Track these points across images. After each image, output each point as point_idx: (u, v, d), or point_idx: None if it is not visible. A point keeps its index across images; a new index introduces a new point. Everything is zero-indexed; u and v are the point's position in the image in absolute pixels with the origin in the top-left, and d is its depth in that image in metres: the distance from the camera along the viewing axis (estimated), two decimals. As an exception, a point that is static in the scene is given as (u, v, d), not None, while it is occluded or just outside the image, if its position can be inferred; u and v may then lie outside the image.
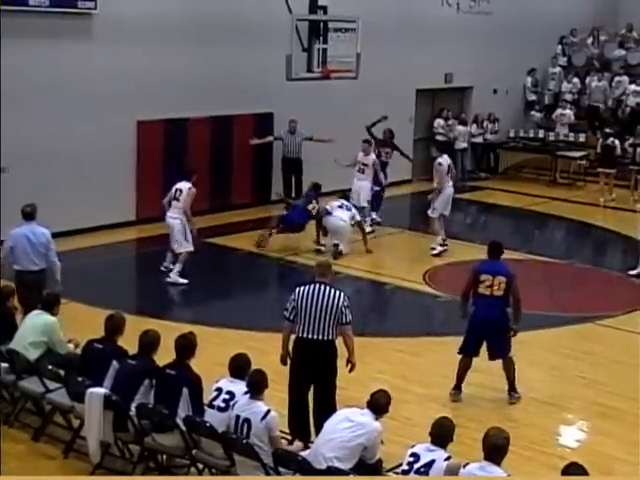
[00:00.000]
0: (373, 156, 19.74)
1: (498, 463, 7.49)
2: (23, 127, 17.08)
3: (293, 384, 9.84)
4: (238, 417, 8.44)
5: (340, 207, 17.98)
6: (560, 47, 30.35)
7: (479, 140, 27.20)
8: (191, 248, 15.72)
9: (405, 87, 24.71)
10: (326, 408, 9.25)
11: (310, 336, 9.59)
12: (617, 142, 24.78)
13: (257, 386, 8.51)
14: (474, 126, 27.05)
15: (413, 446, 7.93)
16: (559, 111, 27.99)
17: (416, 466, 7.73)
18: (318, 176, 19.28)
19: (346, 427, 8.22)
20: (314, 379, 9.75)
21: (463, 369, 11.55)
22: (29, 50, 17.20)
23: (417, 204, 21.97)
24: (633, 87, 27.89)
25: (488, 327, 11.37)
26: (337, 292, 9.67)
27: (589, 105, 28.78)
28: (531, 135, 27.88)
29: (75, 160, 18.08)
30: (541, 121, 28.68)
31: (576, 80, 29.16)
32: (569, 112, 27.87)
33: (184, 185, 15.74)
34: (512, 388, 11.60)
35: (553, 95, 29.43)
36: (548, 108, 29.01)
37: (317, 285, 9.71)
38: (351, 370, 9.83)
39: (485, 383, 12.00)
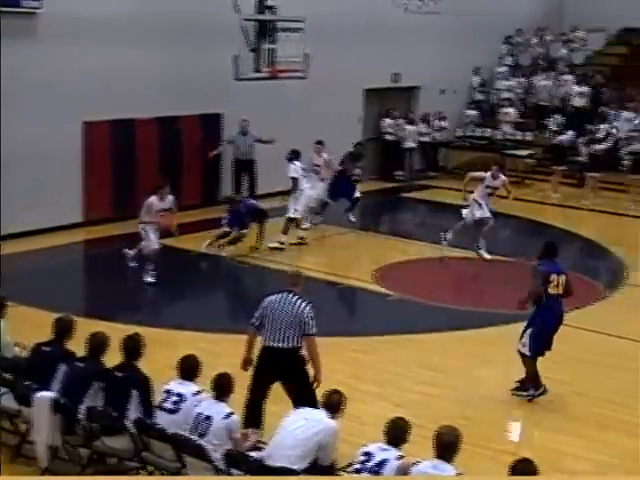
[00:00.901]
0: (325, 156, 19.73)
1: (450, 461, 7.50)
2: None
3: (254, 387, 9.80)
4: (200, 414, 8.39)
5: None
6: (506, 47, 30.58)
7: (427, 139, 27.28)
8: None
9: (353, 87, 24.72)
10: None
11: (275, 344, 9.64)
12: (569, 136, 25.05)
13: (222, 388, 8.52)
14: (422, 125, 27.13)
15: (366, 445, 7.91)
16: (503, 110, 28.21)
17: (369, 465, 7.71)
18: (272, 176, 19.22)
19: (301, 425, 8.19)
20: (285, 386, 9.79)
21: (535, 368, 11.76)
22: (-29, 50, 16.97)
23: (367, 204, 21.95)
24: (577, 88, 28.17)
25: (560, 323, 11.78)
26: (303, 303, 9.70)
27: (535, 104, 29.02)
28: (479, 134, 28.07)
29: (21, 162, 17.81)
30: (479, 120, 28.81)
31: (522, 79, 29.41)
32: (512, 111, 28.11)
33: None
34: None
35: (499, 94, 29.61)
36: (494, 107, 29.19)
37: (285, 294, 9.78)
38: (316, 387, 9.73)
39: (439, 382, 12.04)
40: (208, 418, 8.36)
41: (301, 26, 18.89)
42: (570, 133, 26.01)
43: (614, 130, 26.21)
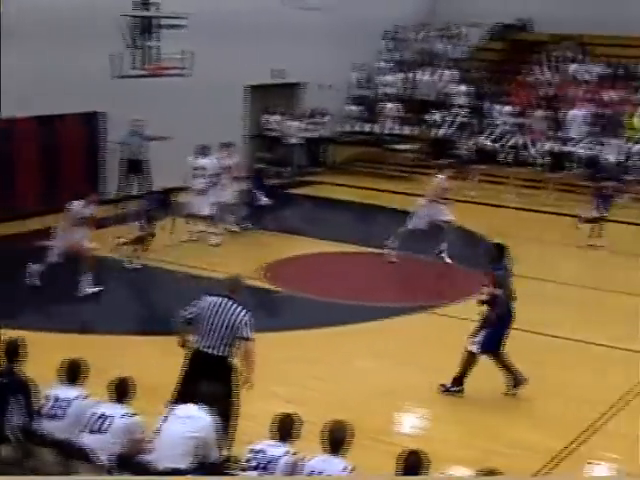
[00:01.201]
0: (235, 159, 19.60)
1: (340, 455, 7.49)
2: None
3: (181, 390, 9.60)
4: (95, 414, 8.21)
5: None
6: (386, 42, 30.83)
7: (311, 135, 27.33)
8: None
9: (236, 84, 24.60)
10: (224, 425, 8.98)
11: (208, 350, 9.50)
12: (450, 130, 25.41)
13: (123, 391, 8.34)
14: (305, 121, 27.17)
15: (256, 443, 7.85)
16: (384, 105, 28.45)
17: (260, 462, 7.65)
18: (163, 175, 19.00)
19: (180, 424, 8.06)
20: (205, 393, 9.55)
21: (507, 361, 11.80)
22: None
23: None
24: (463, 87, 28.57)
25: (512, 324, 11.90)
26: (239, 309, 9.54)
27: (417, 99, 29.31)
28: (361, 129, 28.25)
29: None
30: (362, 115, 28.99)
31: (403, 75, 29.68)
32: (394, 105, 28.37)
33: None
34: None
35: (380, 89, 29.82)
36: (375, 102, 29.40)
37: (223, 300, 9.61)
38: (247, 388, 9.64)
39: (328, 377, 12.05)
40: (106, 418, 8.17)
41: (183, 23, 18.70)
42: (452, 127, 26.38)
43: (496, 124, 26.74)
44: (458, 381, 11.80)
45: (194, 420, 8.06)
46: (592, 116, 26.52)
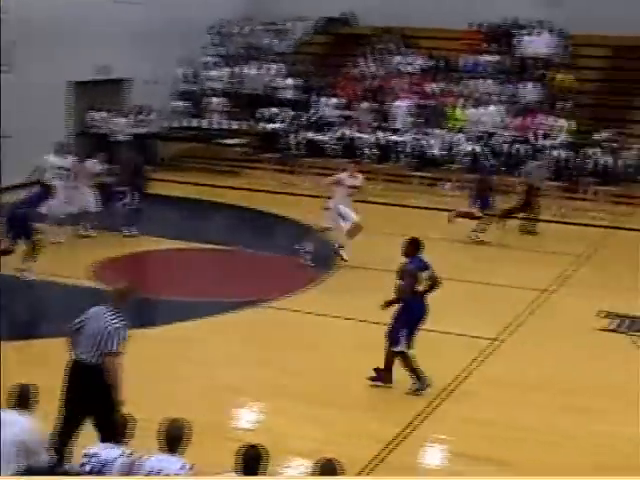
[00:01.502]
0: (90, 163, 19.08)
1: (177, 453, 7.42)
2: None
3: (65, 407, 9.26)
4: None
5: None
6: (212, 37, 30.72)
7: (138, 131, 26.93)
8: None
9: (61, 80, 24.03)
10: (106, 434, 8.68)
11: (80, 358, 9.24)
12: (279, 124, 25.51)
13: (22, 401, 7.98)
14: (132, 118, 26.77)
15: (90, 447, 7.70)
16: (210, 100, 28.35)
17: (95, 466, 7.51)
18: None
19: (3, 429, 7.78)
20: (83, 403, 9.27)
21: (409, 361, 11.72)
22: None
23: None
24: (290, 81, 28.71)
25: (425, 318, 11.80)
26: (113, 319, 9.22)
27: (244, 93, 29.29)
28: (189, 124, 28.07)
29: None
30: (189, 111, 28.81)
31: (228, 69, 29.63)
32: (221, 100, 28.30)
33: None
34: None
35: (206, 84, 29.67)
36: (201, 97, 29.21)
37: (102, 308, 9.36)
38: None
39: (158, 375, 11.91)
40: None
41: (4, 17, 18.18)
42: (280, 121, 26.51)
43: (324, 117, 27.03)
44: (418, 379, 11.77)
45: (12, 425, 7.79)
46: (416, 107, 27.08)
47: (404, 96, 27.48)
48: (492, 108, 26.61)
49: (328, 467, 7.21)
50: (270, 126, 26.57)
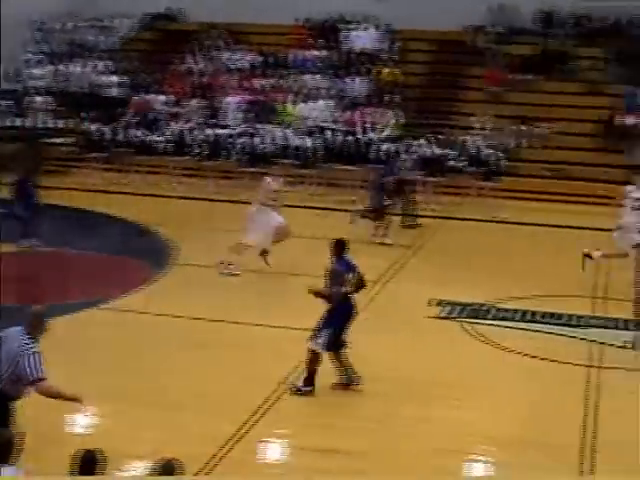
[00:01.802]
0: None
1: (9, 463, 7.09)
2: None
3: None
4: None
5: None
6: (34, 33, 29.91)
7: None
8: None
9: None
10: None
11: None
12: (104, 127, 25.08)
13: None
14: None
15: None
16: (32, 98, 27.60)
17: None
18: None
19: None
20: None
21: (344, 360, 11.70)
22: None
23: None
24: (115, 78, 28.22)
25: (353, 319, 11.76)
26: (25, 344, 8.68)
27: (70, 91, 28.59)
28: (12, 124, 27.24)
29: None
30: (10, 109, 27.96)
31: (52, 67, 28.88)
32: (43, 99, 27.59)
33: None
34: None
35: (29, 82, 28.84)
36: (24, 96, 28.37)
37: (15, 331, 8.84)
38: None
39: None
40: None
41: None
42: (106, 119, 26.08)
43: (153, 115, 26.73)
44: (309, 381, 11.63)
45: None
46: (246, 103, 27.00)
47: (234, 93, 27.36)
48: (322, 103, 26.76)
49: (168, 467, 7.05)
50: (95, 125, 26.02)
